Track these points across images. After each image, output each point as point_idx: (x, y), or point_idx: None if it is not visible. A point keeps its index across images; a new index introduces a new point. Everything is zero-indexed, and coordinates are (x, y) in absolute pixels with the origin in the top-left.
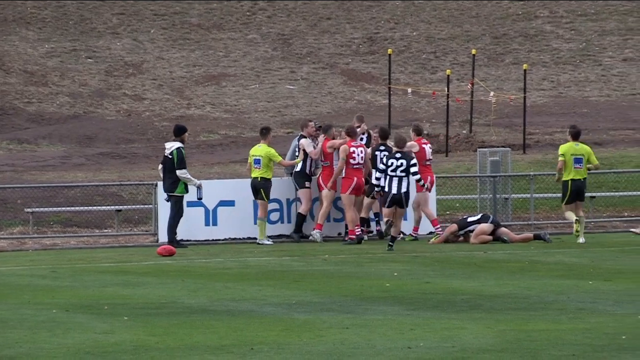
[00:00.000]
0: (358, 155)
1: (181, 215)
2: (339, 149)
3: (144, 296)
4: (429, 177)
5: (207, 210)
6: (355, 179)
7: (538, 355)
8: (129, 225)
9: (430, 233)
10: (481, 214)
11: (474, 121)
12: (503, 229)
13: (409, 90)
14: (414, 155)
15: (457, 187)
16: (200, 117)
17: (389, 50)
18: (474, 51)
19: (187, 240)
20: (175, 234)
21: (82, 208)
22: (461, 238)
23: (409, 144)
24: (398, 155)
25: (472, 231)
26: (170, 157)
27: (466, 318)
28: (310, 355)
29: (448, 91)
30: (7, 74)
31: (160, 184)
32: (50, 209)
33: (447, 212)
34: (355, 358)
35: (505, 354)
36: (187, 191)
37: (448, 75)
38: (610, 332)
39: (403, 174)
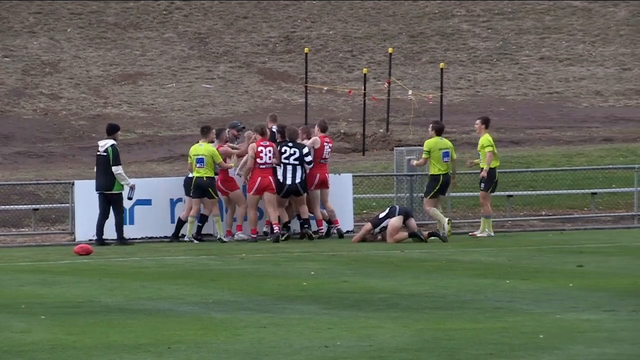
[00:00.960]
0: (266, 155)
1: (123, 211)
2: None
3: (61, 295)
4: (317, 175)
5: (123, 210)
6: (260, 178)
7: (455, 354)
8: (46, 224)
9: (347, 232)
10: (388, 209)
11: (390, 120)
12: (412, 220)
13: (325, 88)
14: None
15: (374, 186)
16: (117, 116)
17: (306, 49)
18: (390, 50)
19: (105, 239)
20: (102, 233)
21: None
22: (379, 237)
23: (310, 140)
24: (291, 144)
25: (386, 227)
26: (105, 154)
27: (383, 317)
28: (228, 354)
29: (365, 90)
30: None
31: (78, 182)
32: None
33: (364, 211)
34: (273, 357)
35: (423, 353)
36: (122, 188)
37: (365, 74)
38: (528, 331)
39: (297, 162)
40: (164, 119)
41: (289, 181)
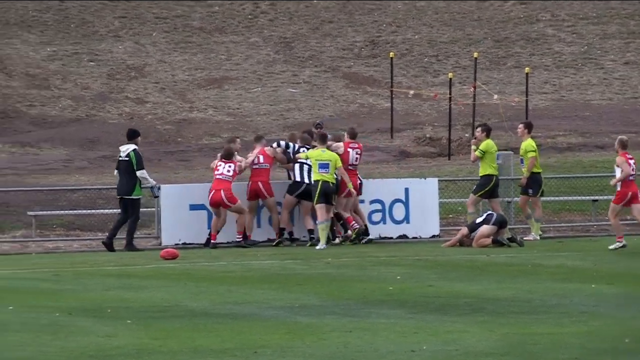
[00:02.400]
0: (222, 167)
1: (138, 219)
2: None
3: (146, 299)
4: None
5: (210, 214)
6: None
7: (540, 358)
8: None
9: (433, 236)
10: (486, 214)
11: (475, 124)
12: (505, 230)
13: (411, 93)
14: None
15: (459, 190)
16: (203, 120)
17: (391, 54)
18: (475, 54)
19: (191, 244)
20: (133, 238)
21: (84, 211)
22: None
23: (334, 145)
24: (308, 146)
25: None
26: (127, 159)
27: (469, 321)
28: (313, 358)
29: (450, 94)
30: (10, 78)
31: (164, 187)
32: (53, 212)
33: (450, 215)
34: None
35: (508, 357)
36: (142, 193)
37: (450, 79)
38: (613, 335)
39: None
40: (250, 123)
41: (306, 180)
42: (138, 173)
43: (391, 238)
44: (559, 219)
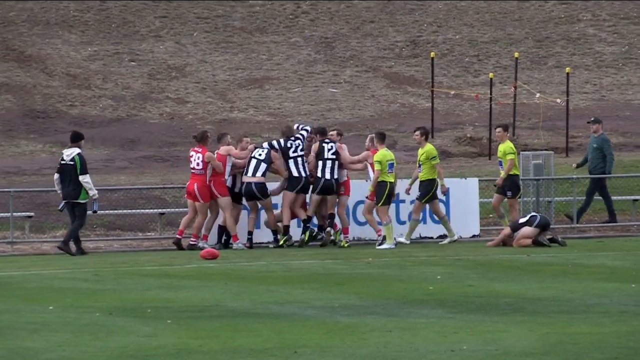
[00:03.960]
0: (194, 160)
1: (84, 224)
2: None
3: (187, 299)
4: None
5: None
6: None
7: (581, 358)
8: (172, 228)
9: (474, 236)
10: (530, 215)
11: (516, 124)
12: (548, 232)
13: (452, 93)
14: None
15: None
16: (243, 120)
17: (432, 54)
18: (516, 54)
19: (231, 243)
20: (80, 241)
21: (125, 211)
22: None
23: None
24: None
25: None
26: (71, 163)
27: (509, 321)
28: (354, 358)
29: (491, 94)
30: (50, 77)
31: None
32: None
33: (490, 216)
34: None
35: (548, 357)
36: (88, 197)
37: (491, 79)
38: None
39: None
40: (291, 123)
41: (303, 174)
42: (81, 178)
43: (432, 238)
44: (599, 219)
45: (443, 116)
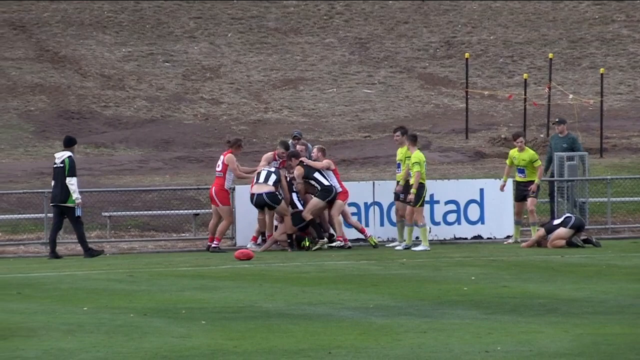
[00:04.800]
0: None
1: (82, 224)
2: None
3: (221, 300)
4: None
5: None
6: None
7: (615, 359)
8: (207, 229)
9: (508, 237)
10: (564, 217)
11: (551, 125)
12: (582, 234)
13: (486, 94)
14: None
15: None
16: (278, 121)
17: (466, 54)
18: (551, 55)
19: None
20: (55, 246)
21: (159, 212)
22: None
23: (325, 162)
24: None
25: None
26: (62, 165)
27: (543, 322)
28: (388, 359)
29: (525, 95)
30: (85, 78)
31: (239, 187)
32: (128, 212)
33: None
34: None
35: (582, 358)
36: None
37: (525, 79)
38: None
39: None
40: (325, 124)
41: (336, 185)
42: (67, 180)
43: (466, 239)
44: (633, 220)
45: (477, 117)
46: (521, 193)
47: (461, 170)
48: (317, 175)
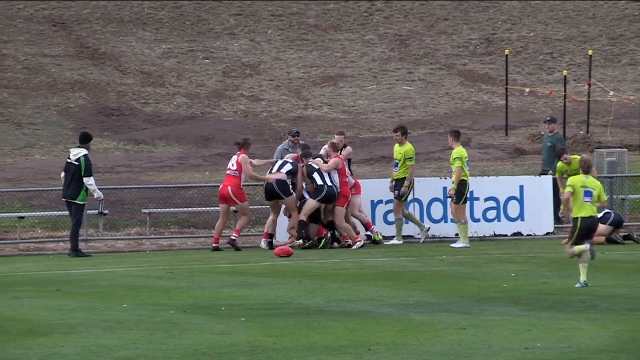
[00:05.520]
0: (231, 161)
1: (80, 224)
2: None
3: (260, 297)
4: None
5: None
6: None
7: None
8: (246, 226)
9: (548, 234)
10: (604, 213)
11: (590, 122)
12: (620, 230)
13: (526, 90)
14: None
15: None
16: (318, 117)
17: (506, 51)
18: (590, 52)
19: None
20: (77, 243)
21: (199, 209)
22: None
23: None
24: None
25: None
26: (76, 163)
27: (582, 318)
28: (427, 355)
29: (565, 92)
30: (124, 75)
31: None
32: (167, 209)
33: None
34: (472, 358)
35: (622, 355)
36: (86, 199)
37: (565, 76)
38: None
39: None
40: (365, 121)
41: (328, 183)
42: (85, 180)
43: (505, 235)
44: None
45: (517, 114)
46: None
47: (501, 167)
48: (315, 174)
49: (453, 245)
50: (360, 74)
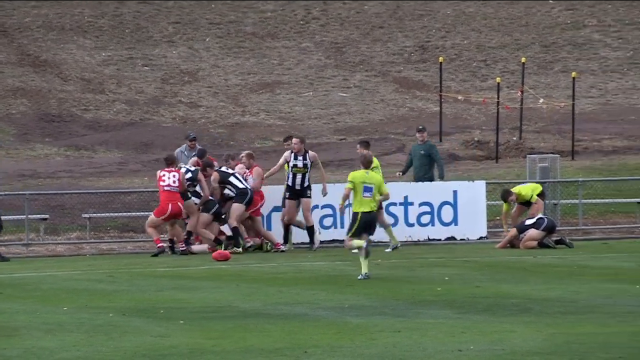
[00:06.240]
0: (168, 178)
1: (1, 228)
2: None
3: (199, 300)
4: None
5: (263, 217)
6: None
7: (586, 357)
8: (184, 231)
9: (481, 238)
10: (537, 218)
11: (523, 128)
12: (553, 235)
13: (460, 97)
14: None
15: None
16: (255, 124)
17: (440, 59)
18: (523, 59)
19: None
20: None
21: (138, 213)
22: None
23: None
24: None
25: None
26: None
27: (516, 322)
28: (363, 357)
29: (498, 98)
30: (65, 82)
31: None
32: (107, 214)
33: (497, 218)
34: None
35: (554, 357)
36: None
37: (498, 83)
38: None
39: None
40: (301, 127)
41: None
42: None
43: (439, 240)
44: (604, 221)
45: (451, 120)
46: None
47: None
48: (232, 179)
49: (388, 250)
50: (297, 81)
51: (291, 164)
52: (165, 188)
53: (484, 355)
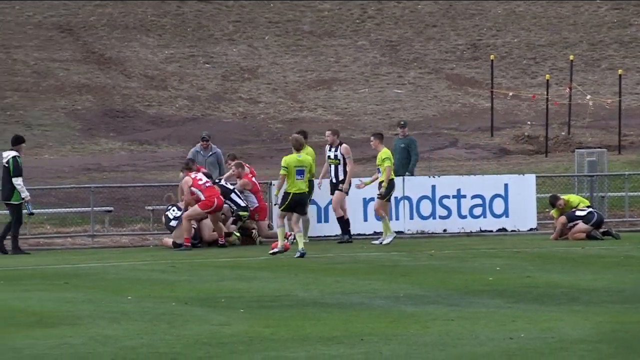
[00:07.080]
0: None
1: (21, 223)
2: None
3: (259, 290)
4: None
5: (319, 208)
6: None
7: (632, 345)
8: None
9: (531, 230)
10: (588, 212)
11: (571, 123)
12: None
13: (510, 94)
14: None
15: (556, 185)
16: (312, 119)
17: (492, 56)
18: (571, 57)
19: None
20: (18, 242)
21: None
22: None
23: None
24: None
25: (576, 224)
26: (6, 165)
27: (565, 310)
28: (417, 345)
29: (547, 95)
30: (129, 79)
31: (275, 182)
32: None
33: (546, 210)
34: (460, 348)
35: (602, 345)
36: (22, 199)
37: (547, 80)
38: None
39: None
40: (357, 122)
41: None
42: (13, 180)
43: (491, 231)
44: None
45: (502, 115)
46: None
47: (486, 166)
48: (233, 196)
49: (376, 242)
50: (353, 78)
51: (326, 155)
52: (207, 185)
53: (534, 343)
